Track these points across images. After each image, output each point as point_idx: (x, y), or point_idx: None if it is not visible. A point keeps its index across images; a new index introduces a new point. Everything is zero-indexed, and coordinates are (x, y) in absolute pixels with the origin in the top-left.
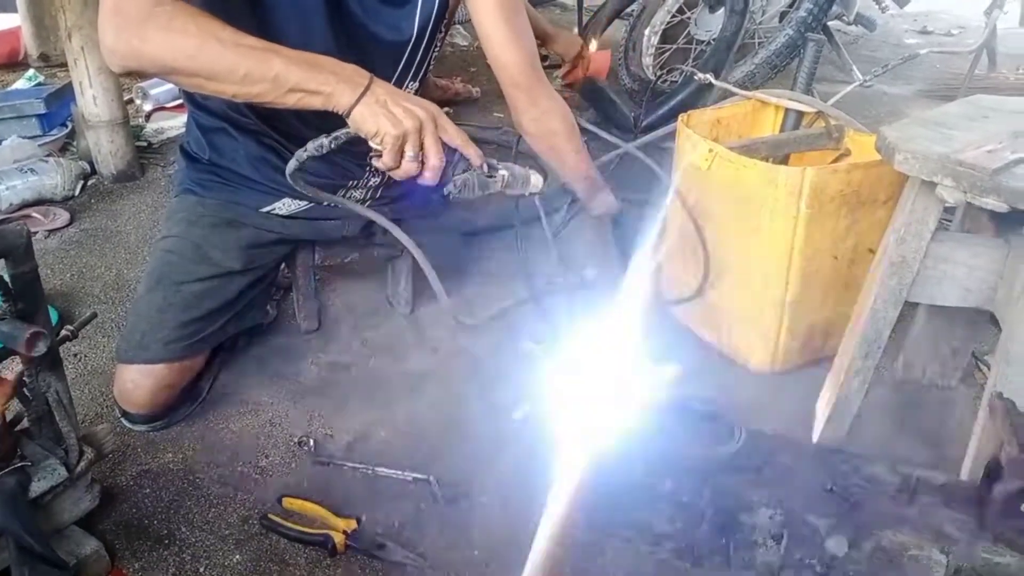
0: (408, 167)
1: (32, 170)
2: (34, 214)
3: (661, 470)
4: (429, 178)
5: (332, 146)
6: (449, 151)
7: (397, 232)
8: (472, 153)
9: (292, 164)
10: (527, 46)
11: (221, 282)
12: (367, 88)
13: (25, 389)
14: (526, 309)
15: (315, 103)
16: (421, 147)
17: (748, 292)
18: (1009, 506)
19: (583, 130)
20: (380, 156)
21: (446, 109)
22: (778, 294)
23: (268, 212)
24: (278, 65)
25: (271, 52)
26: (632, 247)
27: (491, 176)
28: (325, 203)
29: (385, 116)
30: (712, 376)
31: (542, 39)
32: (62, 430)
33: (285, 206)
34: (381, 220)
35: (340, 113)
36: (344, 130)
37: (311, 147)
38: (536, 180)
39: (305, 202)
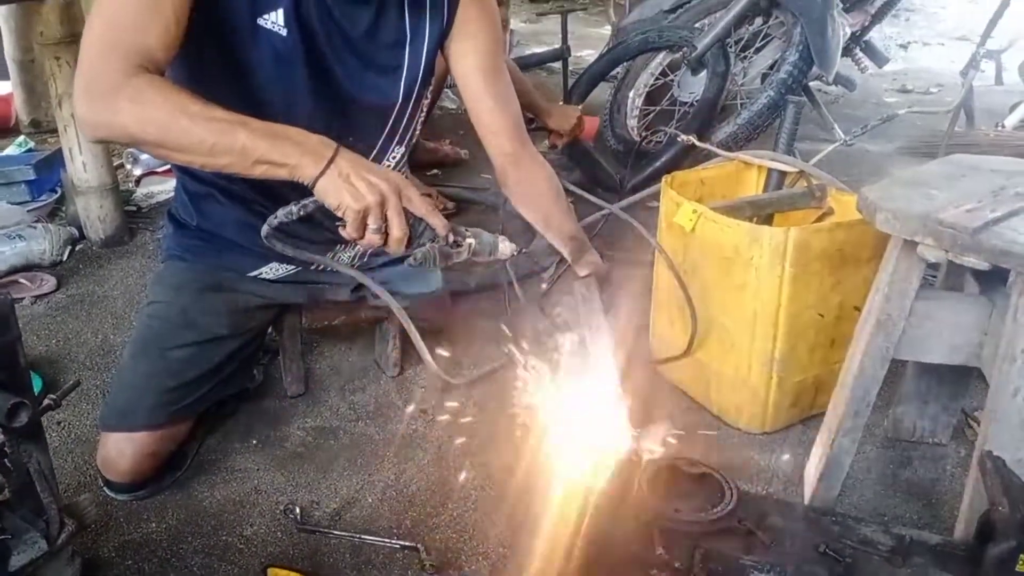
0: (371, 239)
1: (20, 236)
2: (21, 280)
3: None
4: (393, 250)
5: (301, 213)
6: (417, 220)
7: (383, 293)
8: (437, 224)
9: (264, 228)
10: (512, 112)
11: (208, 347)
12: (331, 160)
13: (6, 460)
14: (514, 369)
15: (281, 174)
16: (385, 219)
17: (736, 351)
18: (1003, 566)
19: (568, 192)
20: (345, 227)
21: (434, 171)
22: (766, 352)
23: (256, 276)
24: (244, 137)
25: (238, 124)
26: (619, 306)
27: (457, 246)
28: (313, 266)
29: (347, 190)
30: (702, 437)
31: (535, 114)
32: (43, 501)
33: (273, 270)
34: (367, 281)
35: (305, 184)
36: (312, 199)
37: (280, 213)
38: (505, 248)
39: (293, 266)
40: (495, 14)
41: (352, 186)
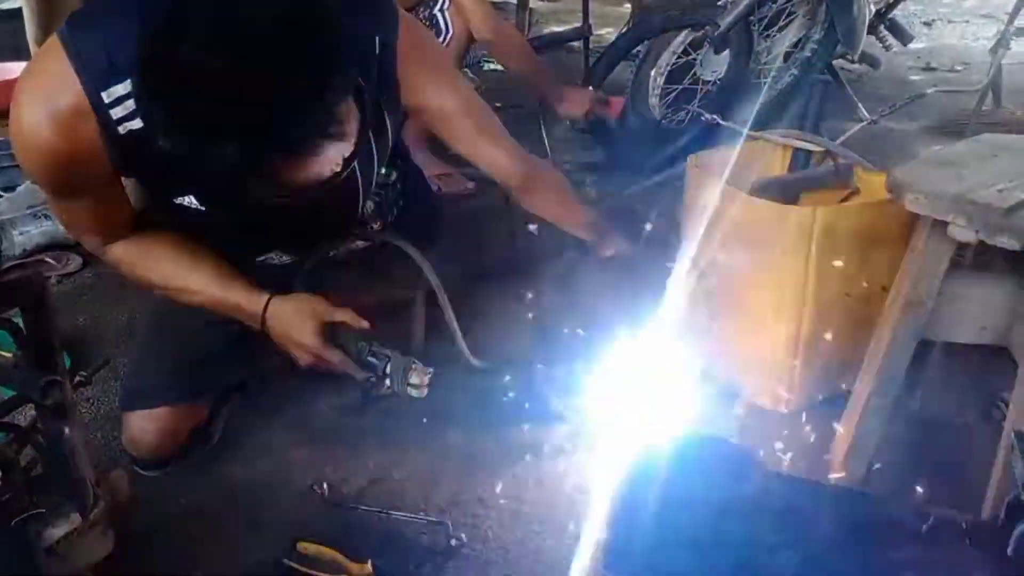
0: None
1: (46, 215)
2: (48, 259)
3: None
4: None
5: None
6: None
7: (421, 260)
8: (354, 375)
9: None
10: (502, 137)
11: (221, 328)
12: (263, 325)
13: (39, 436)
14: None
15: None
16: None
17: (762, 331)
18: None
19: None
20: None
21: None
22: (792, 333)
23: (263, 262)
24: (198, 300)
25: (186, 294)
26: (645, 286)
27: (375, 385)
28: (328, 255)
29: (289, 351)
30: (727, 415)
31: (545, 102)
32: (76, 476)
33: (278, 256)
34: (408, 248)
35: None
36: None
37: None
38: (416, 378)
39: (295, 256)
40: (428, 46)
41: (288, 350)
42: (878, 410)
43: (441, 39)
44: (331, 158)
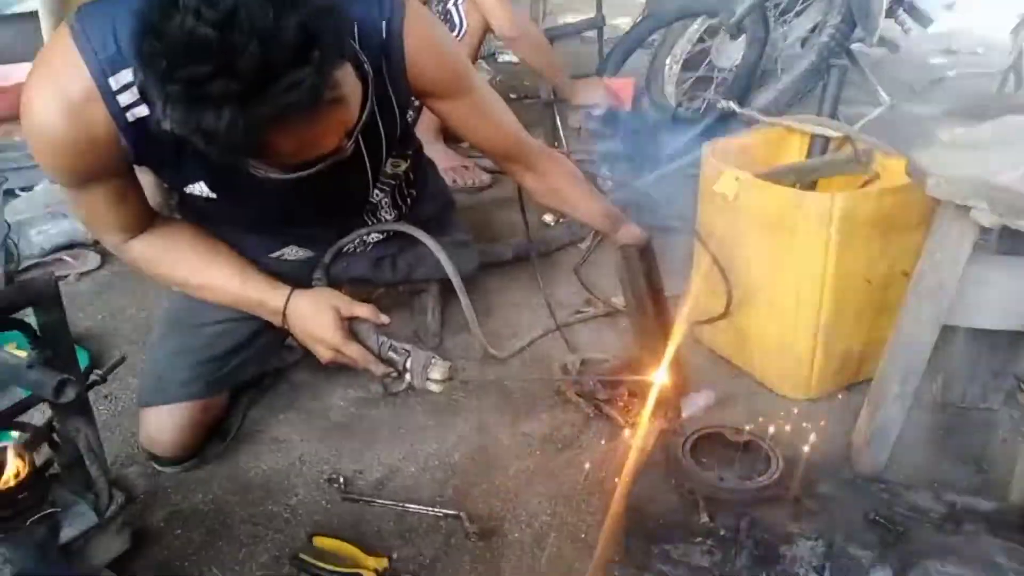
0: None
1: (63, 215)
2: (65, 257)
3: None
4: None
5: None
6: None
7: (437, 249)
8: (373, 371)
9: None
10: (505, 123)
11: (234, 324)
12: (284, 320)
13: (55, 434)
14: (554, 339)
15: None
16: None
17: (781, 318)
18: None
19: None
20: None
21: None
22: (811, 319)
23: (278, 257)
24: (218, 296)
25: (209, 289)
26: (660, 275)
27: (397, 378)
28: (344, 250)
29: (309, 347)
30: (745, 403)
31: (560, 95)
32: (92, 474)
33: (293, 252)
34: (423, 236)
35: None
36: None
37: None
38: (437, 373)
39: (310, 250)
40: (436, 33)
41: (308, 346)
42: (900, 397)
43: (455, 33)
44: (331, 130)
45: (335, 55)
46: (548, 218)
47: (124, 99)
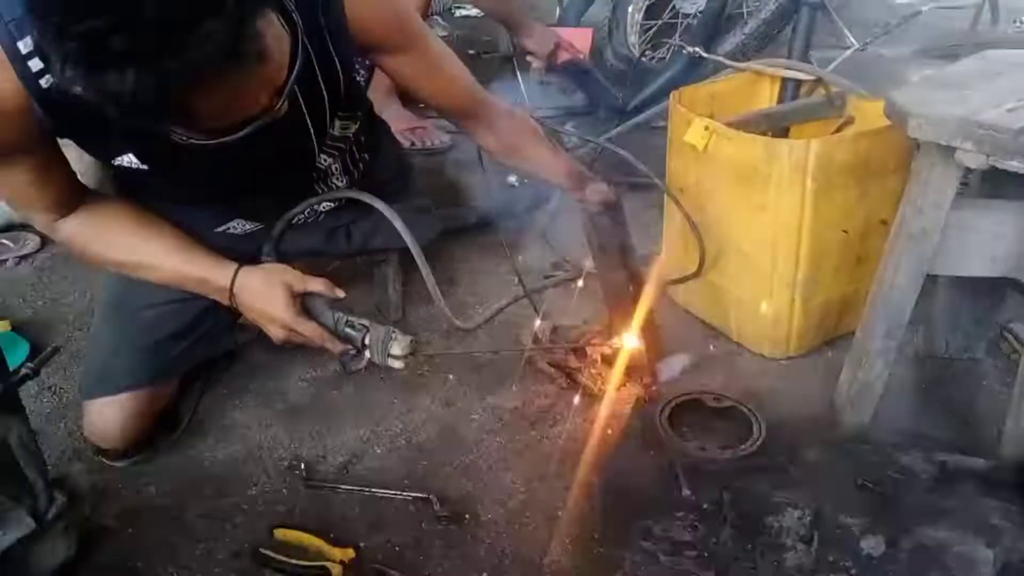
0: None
1: None
2: (3, 240)
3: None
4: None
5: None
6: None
7: (393, 217)
8: (330, 348)
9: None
10: (457, 77)
11: (180, 305)
12: (232, 298)
13: None
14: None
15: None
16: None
17: (756, 273)
18: None
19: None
20: None
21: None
22: (788, 273)
23: (224, 231)
24: (159, 275)
25: (149, 269)
26: (630, 233)
27: (356, 357)
28: (294, 221)
29: (261, 326)
30: (723, 365)
31: (513, 29)
32: (28, 476)
33: (240, 225)
34: (378, 203)
35: None
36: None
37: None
38: (398, 348)
39: (259, 223)
40: None
41: (260, 325)
42: (883, 353)
43: None
44: (257, 89)
45: (253, 2)
46: (512, 179)
47: (35, 64)
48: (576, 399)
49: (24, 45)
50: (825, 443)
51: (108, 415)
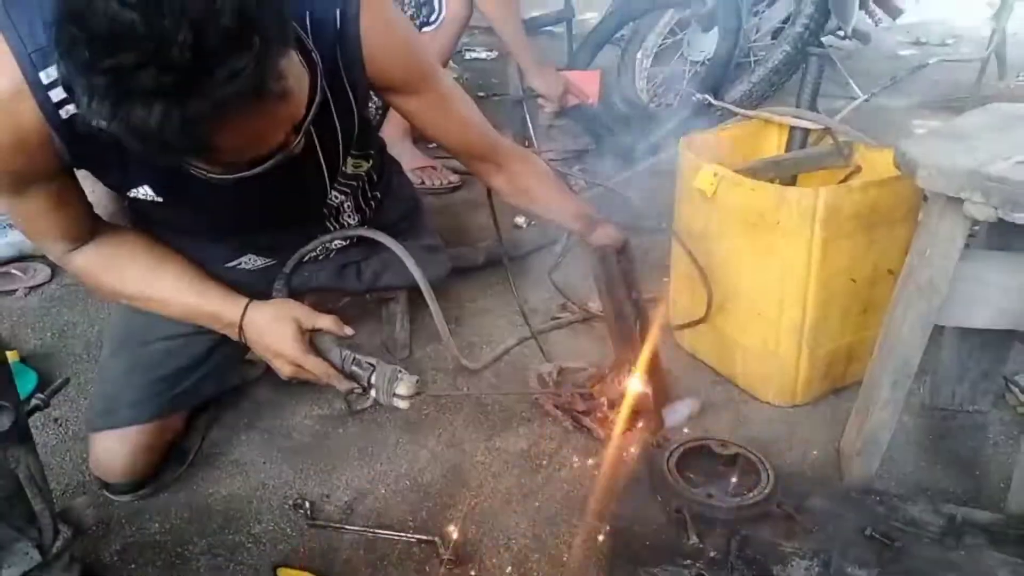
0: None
1: (11, 226)
2: (14, 271)
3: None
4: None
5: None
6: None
7: (404, 255)
8: (338, 387)
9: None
10: (471, 120)
11: (188, 340)
12: (241, 334)
13: None
14: (529, 348)
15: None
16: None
17: (763, 321)
18: None
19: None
20: None
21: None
22: (795, 321)
23: (234, 267)
24: (170, 309)
25: (160, 302)
26: (639, 277)
27: (362, 394)
28: (306, 258)
29: (268, 361)
30: (729, 411)
31: (524, 71)
32: (35, 509)
33: (251, 261)
34: (389, 242)
35: None
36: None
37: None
38: (404, 388)
39: (271, 259)
40: (395, 24)
41: (268, 359)
42: (890, 403)
43: (433, 19)
44: (277, 125)
45: (278, 41)
46: (520, 220)
47: (56, 95)
48: (583, 442)
49: (46, 76)
50: (832, 492)
51: (114, 449)
